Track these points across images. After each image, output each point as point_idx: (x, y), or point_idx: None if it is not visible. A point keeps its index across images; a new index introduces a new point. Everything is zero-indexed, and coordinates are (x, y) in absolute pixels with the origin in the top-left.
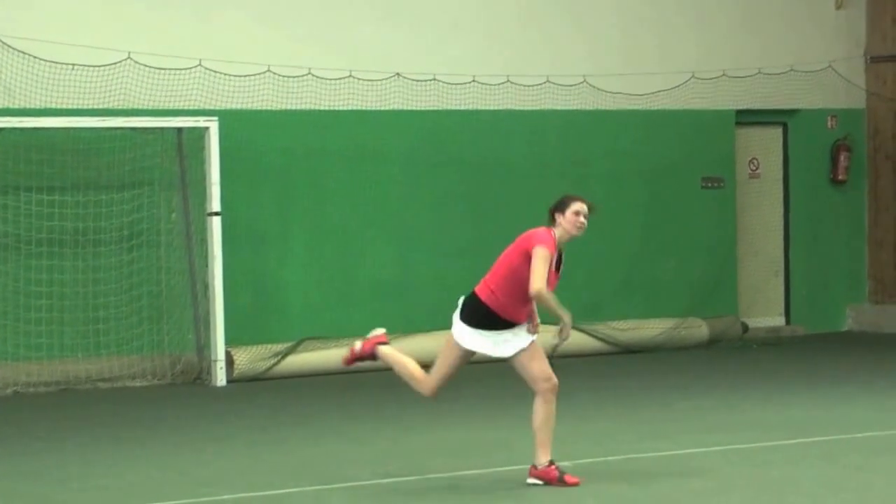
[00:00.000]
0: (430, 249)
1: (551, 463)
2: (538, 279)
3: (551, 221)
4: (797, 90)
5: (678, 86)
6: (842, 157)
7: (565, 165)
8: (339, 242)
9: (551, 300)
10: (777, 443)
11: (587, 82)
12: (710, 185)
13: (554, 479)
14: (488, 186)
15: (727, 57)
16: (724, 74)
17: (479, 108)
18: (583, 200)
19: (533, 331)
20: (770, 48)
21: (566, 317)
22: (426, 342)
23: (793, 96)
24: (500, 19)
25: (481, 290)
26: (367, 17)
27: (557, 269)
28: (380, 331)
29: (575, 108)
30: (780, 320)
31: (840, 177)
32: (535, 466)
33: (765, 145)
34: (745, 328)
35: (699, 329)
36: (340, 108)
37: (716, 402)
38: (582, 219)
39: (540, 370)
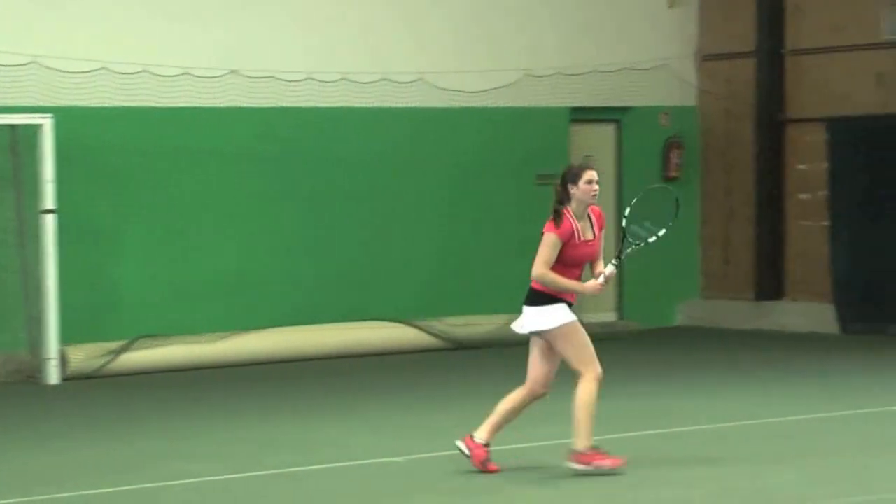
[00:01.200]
0: (268, 246)
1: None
2: (538, 264)
3: (564, 193)
4: (630, 88)
5: (513, 83)
6: (674, 155)
7: (401, 162)
8: (177, 239)
9: (557, 280)
10: (606, 437)
11: (423, 80)
12: (544, 182)
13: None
14: (326, 183)
15: (562, 55)
16: (558, 72)
17: (317, 105)
18: (591, 167)
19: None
20: (604, 46)
21: (586, 289)
22: (265, 339)
23: (626, 94)
24: (338, 17)
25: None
26: (203, 14)
27: (588, 240)
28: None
29: (411, 105)
30: (612, 316)
31: (672, 173)
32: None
33: (599, 142)
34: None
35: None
36: (177, 105)
37: (550, 397)
38: (595, 186)
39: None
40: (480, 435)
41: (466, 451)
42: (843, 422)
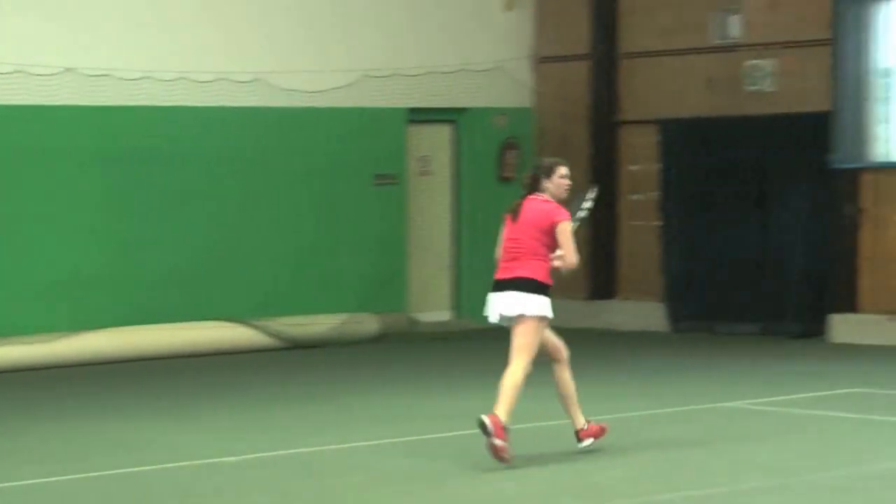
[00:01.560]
0: (106, 245)
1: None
2: (575, 253)
3: (535, 186)
4: (467, 89)
5: (351, 84)
6: (509, 155)
7: (239, 162)
8: (14, 239)
9: None
10: (442, 434)
11: (261, 80)
12: (382, 182)
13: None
14: (164, 182)
15: (399, 56)
16: (395, 73)
17: (154, 104)
18: (565, 164)
19: None
20: (440, 48)
21: None
22: (103, 339)
23: (462, 95)
24: (176, 15)
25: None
26: (40, 11)
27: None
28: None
29: (249, 105)
30: (448, 314)
31: (507, 174)
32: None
33: (435, 143)
34: (415, 323)
35: (369, 324)
36: (10, 103)
37: (383, 397)
38: (569, 181)
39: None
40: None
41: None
42: (671, 419)
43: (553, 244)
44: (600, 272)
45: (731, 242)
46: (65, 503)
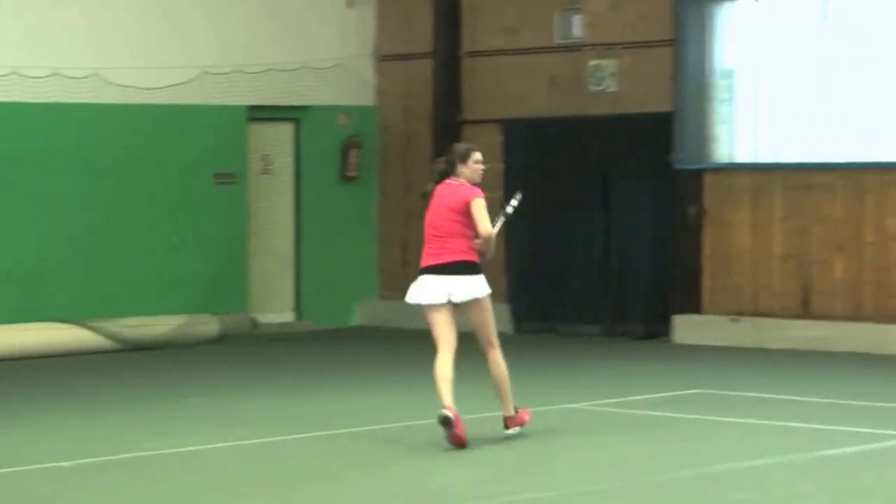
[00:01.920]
0: None
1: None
2: (489, 225)
3: (450, 171)
4: (309, 87)
5: (191, 80)
6: (352, 154)
7: (75, 159)
8: None
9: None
10: (282, 437)
11: (97, 76)
12: (222, 181)
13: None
14: None
15: (240, 53)
16: (236, 70)
17: None
18: (478, 149)
19: None
20: (282, 45)
21: None
22: None
23: (304, 93)
24: (7, 10)
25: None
26: None
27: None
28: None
29: (85, 101)
30: (290, 315)
31: (350, 173)
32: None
33: (277, 141)
34: (256, 324)
35: (209, 325)
36: None
37: (223, 399)
38: (482, 166)
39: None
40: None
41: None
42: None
43: (472, 224)
44: None
45: (574, 243)
46: None
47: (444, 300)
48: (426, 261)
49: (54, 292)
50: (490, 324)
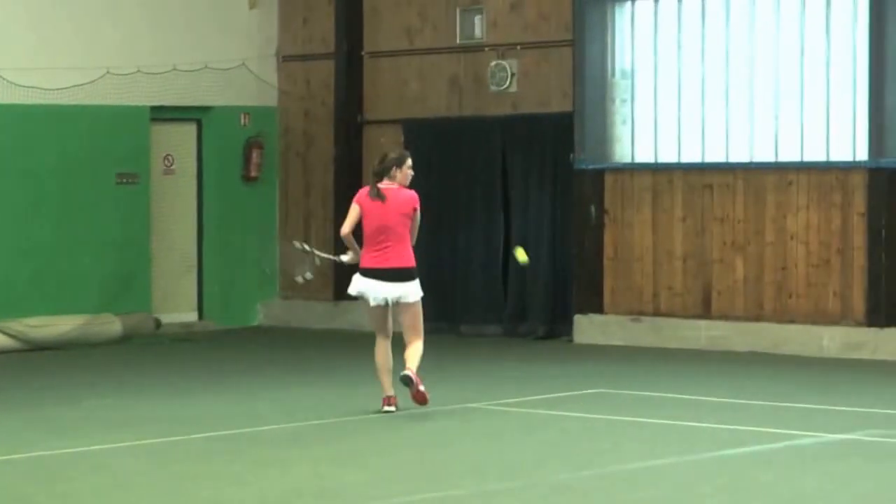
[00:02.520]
0: None
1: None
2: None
3: (387, 174)
4: (211, 87)
5: (94, 80)
6: (254, 155)
7: None
8: None
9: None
10: (183, 437)
11: (1, 76)
12: (124, 181)
13: None
14: None
15: (143, 53)
16: (139, 70)
17: None
18: (408, 155)
19: None
20: (185, 45)
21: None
22: None
23: (207, 93)
24: None
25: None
26: None
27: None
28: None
29: None
30: (193, 315)
31: (252, 174)
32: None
33: (180, 142)
34: (159, 324)
35: (112, 325)
36: None
37: (124, 399)
38: (412, 171)
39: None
40: (390, 392)
41: (392, 409)
42: (408, 419)
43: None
44: (345, 272)
45: (476, 243)
46: None
47: (391, 301)
48: (377, 262)
49: None
50: (420, 318)
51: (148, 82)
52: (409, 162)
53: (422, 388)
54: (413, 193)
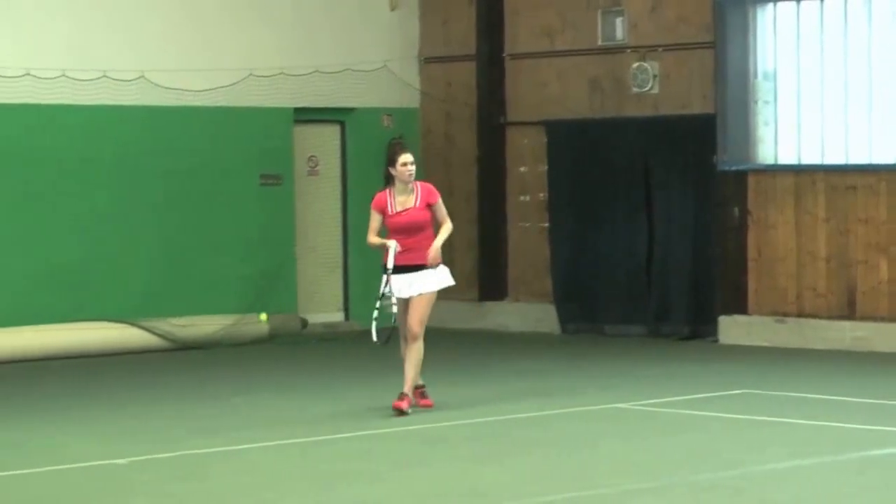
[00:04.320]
0: None
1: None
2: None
3: (391, 181)
4: (353, 89)
5: (237, 82)
6: None
7: (122, 161)
8: None
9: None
10: (328, 437)
11: (145, 78)
12: (268, 182)
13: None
14: (45, 182)
15: (285, 55)
16: (282, 72)
17: (35, 102)
18: (406, 150)
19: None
20: (327, 47)
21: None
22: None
23: (349, 95)
24: (58, 11)
25: None
26: None
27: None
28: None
29: (133, 103)
30: (339, 316)
31: None
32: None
33: (323, 143)
34: (305, 324)
35: (259, 325)
36: None
37: (270, 398)
38: (409, 168)
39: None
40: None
41: (408, 409)
42: (557, 419)
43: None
44: (490, 273)
45: (618, 243)
46: None
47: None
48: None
49: (104, 292)
50: (427, 312)
51: (291, 84)
52: (403, 157)
53: (407, 406)
54: (428, 191)
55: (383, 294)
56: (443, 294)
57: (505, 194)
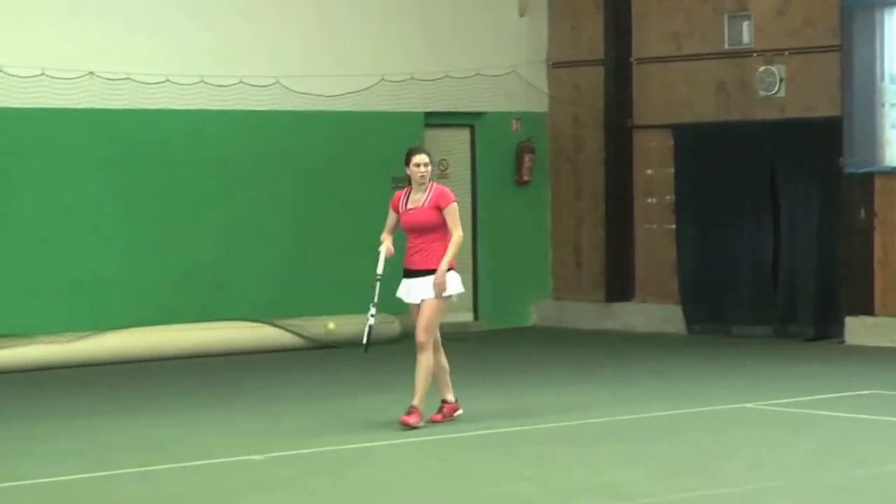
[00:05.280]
0: (125, 246)
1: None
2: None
3: (406, 174)
4: (483, 93)
5: (369, 87)
6: (525, 159)
7: (256, 165)
8: (32, 240)
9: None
10: (459, 434)
11: (280, 83)
12: (399, 185)
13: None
14: (183, 185)
15: (417, 60)
16: (412, 77)
17: (173, 107)
18: (421, 152)
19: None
20: (457, 52)
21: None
22: (123, 339)
23: (478, 99)
24: (195, 19)
25: None
26: (60, 15)
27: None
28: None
29: (268, 108)
30: (467, 316)
31: (524, 178)
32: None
33: (453, 147)
34: None
35: (391, 324)
36: (31, 106)
37: (404, 396)
38: (422, 169)
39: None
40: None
41: (419, 424)
42: (686, 419)
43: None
44: (617, 274)
45: (745, 245)
46: (88, 501)
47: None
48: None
49: (240, 292)
50: (438, 318)
51: (421, 89)
52: (416, 158)
53: (414, 422)
54: (439, 193)
55: (374, 303)
56: (571, 295)
57: (632, 196)
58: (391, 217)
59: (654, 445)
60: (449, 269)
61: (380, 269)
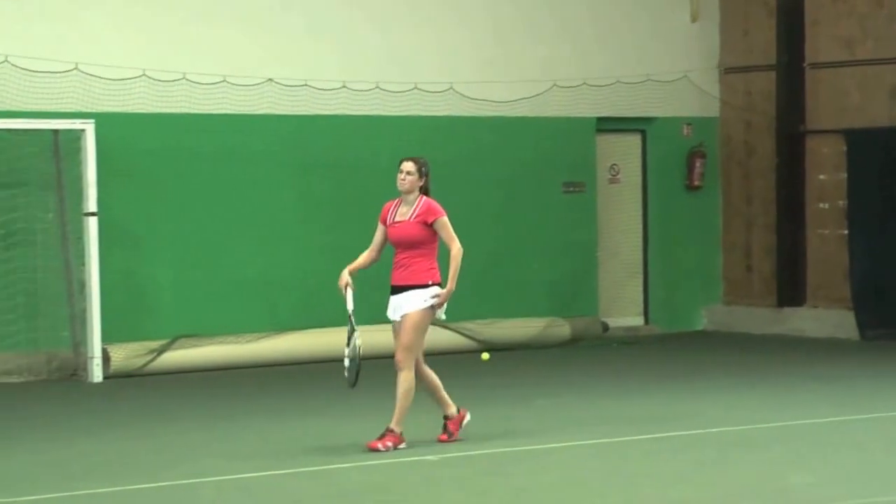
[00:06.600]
0: (294, 250)
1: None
2: None
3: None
4: (654, 99)
5: (541, 93)
6: (697, 164)
7: (432, 169)
8: (209, 243)
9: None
10: (629, 437)
11: (453, 89)
12: (571, 189)
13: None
14: (353, 189)
15: (588, 66)
16: (584, 83)
17: (348, 113)
18: (409, 159)
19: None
20: (628, 58)
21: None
22: (291, 341)
23: (650, 105)
24: (370, 27)
25: None
26: (241, 23)
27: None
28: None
29: (441, 114)
30: (638, 320)
31: (695, 182)
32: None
33: (624, 152)
34: (606, 327)
35: (561, 328)
36: (213, 112)
37: (575, 399)
38: (402, 175)
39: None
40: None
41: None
42: (861, 425)
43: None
44: (788, 280)
45: None
46: (264, 498)
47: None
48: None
49: None
50: (419, 338)
51: (593, 94)
52: (402, 165)
53: (383, 446)
54: (427, 208)
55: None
56: (742, 299)
57: (804, 201)
58: (379, 230)
59: (827, 450)
60: (433, 285)
61: (349, 305)
